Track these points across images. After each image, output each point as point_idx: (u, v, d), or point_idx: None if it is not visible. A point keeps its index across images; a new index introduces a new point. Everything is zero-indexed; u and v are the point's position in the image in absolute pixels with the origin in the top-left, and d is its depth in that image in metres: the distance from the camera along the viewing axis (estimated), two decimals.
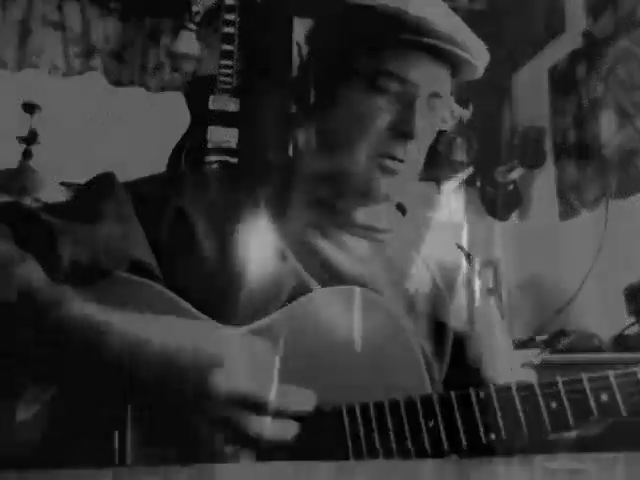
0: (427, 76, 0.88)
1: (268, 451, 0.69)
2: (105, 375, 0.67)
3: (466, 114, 0.96)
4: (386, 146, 0.87)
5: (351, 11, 0.88)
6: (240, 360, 0.69)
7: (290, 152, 1.02)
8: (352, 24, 0.89)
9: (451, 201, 3.02)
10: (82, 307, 0.68)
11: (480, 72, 0.92)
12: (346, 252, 0.91)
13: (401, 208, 1.02)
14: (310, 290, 0.82)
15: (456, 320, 0.94)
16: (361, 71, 0.87)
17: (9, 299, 0.66)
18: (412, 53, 0.87)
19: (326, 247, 0.90)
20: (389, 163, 0.87)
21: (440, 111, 0.91)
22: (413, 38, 0.85)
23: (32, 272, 0.69)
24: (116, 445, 0.68)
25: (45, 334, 0.66)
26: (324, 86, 0.90)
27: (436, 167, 0.94)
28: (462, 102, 0.94)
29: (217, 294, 0.81)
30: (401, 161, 0.87)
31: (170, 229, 0.83)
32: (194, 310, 0.77)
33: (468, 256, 1.02)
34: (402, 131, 0.86)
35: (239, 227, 0.85)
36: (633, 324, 1.87)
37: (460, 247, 1.05)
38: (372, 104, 0.86)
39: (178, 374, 0.67)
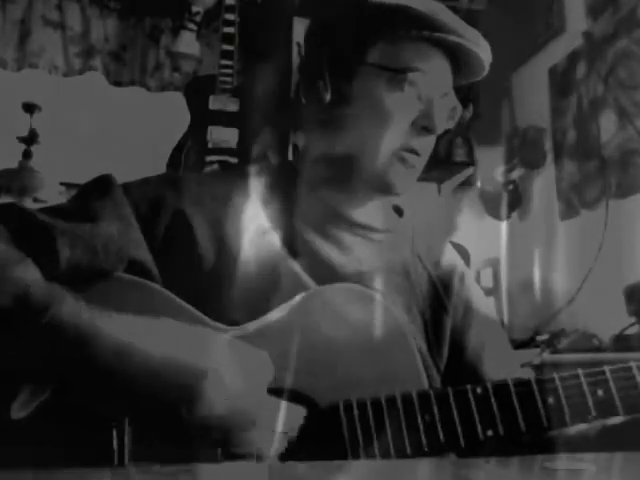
0: (440, 71, 0.89)
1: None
2: (96, 379, 0.67)
3: (466, 114, 0.96)
4: (409, 139, 0.88)
5: (361, 6, 0.89)
6: (228, 374, 0.69)
7: (290, 152, 1.01)
8: (363, 19, 0.89)
9: (451, 201, 3.02)
10: (73, 310, 0.67)
11: (486, 68, 0.92)
12: (344, 251, 0.90)
13: (398, 210, 1.02)
14: (308, 289, 0.82)
15: (453, 318, 0.94)
16: (382, 66, 0.87)
17: (4, 303, 0.65)
18: (426, 47, 0.88)
19: (325, 246, 0.89)
20: (408, 156, 0.88)
21: (447, 107, 0.91)
22: (425, 33, 0.86)
23: (28, 274, 0.68)
24: (115, 445, 0.68)
25: (38, 338, 0.66)
26: (338, 81, 0.89)
27: (436, 167, 0.94)
28: (462, 102, 0.94)
29: (215, 293, 0.80)
30: (418, 155, 0.89)
31: (168, 229, 0.83)
32: (192, 310, 0.77)
33: (465, 255, 1.02)
34: (424, 125, 0.88)
35: (238, 227, 0.85)
36: (633, 324, 1.87)
37: (456, 246, 1.04)
38: (396, 98, 0.87)
39: (163, 387, 0.67)
